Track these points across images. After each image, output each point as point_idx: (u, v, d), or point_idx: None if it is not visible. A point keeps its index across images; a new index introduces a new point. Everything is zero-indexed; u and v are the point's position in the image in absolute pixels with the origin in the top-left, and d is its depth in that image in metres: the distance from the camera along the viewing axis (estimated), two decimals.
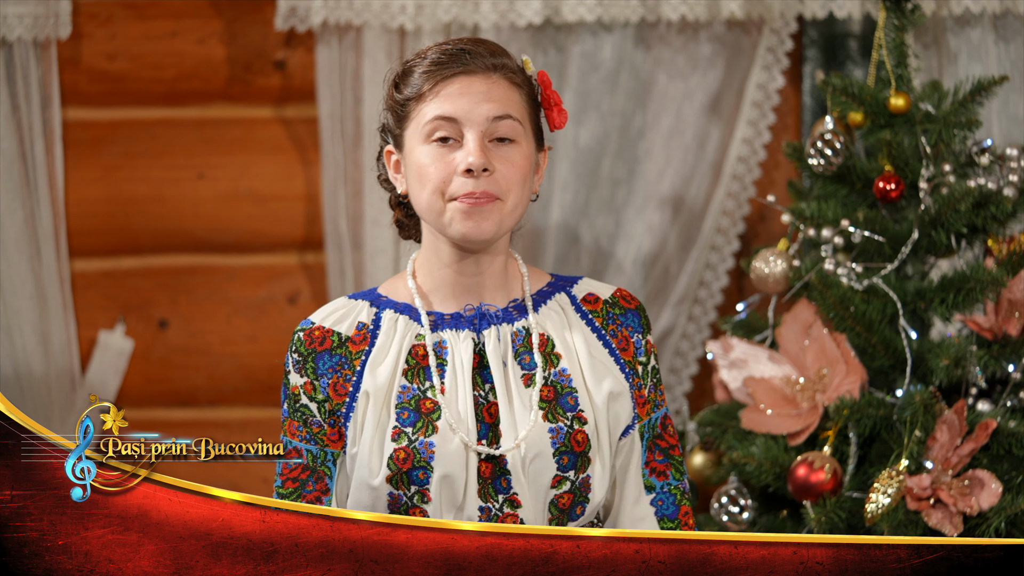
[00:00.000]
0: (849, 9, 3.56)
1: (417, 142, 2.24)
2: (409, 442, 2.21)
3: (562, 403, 2.25)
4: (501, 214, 2.22)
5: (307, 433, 2.25)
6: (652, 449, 2.31)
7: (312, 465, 2.26)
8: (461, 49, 2.23)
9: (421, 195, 2.23)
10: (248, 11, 3.70)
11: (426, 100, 2.23)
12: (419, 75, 2.24)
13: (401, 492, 2.20)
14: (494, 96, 2.22)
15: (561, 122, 2.31)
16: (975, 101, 3.13)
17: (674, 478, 2.31)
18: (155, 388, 3.77)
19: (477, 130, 2.21)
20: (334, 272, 3.68)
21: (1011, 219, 3.08)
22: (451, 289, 2.29)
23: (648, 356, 2.32)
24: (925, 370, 3.02)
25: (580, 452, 2.23)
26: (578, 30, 3.64)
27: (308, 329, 2.28)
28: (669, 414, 2.34)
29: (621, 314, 2.32)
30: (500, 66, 2.24)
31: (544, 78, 2.31)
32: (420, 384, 2.24)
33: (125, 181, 3.73)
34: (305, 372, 2.26)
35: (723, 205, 3.70)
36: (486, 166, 2.20)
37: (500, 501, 2.22)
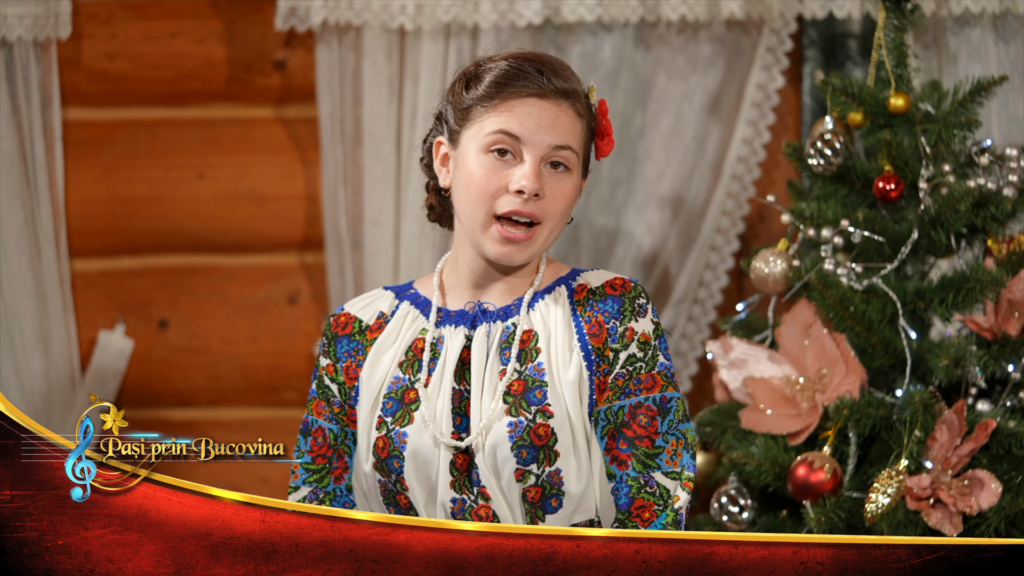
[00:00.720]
0: (849, 9, 3.56)
1: (475, 148, 2.27)
2: (387, 431, 2.28)
3: (528, 397, 2.26)
4: (536, 244, 2.27)
5: (329, 412, 2.36)
6: (615, 437, 2.28)
7: (334, 443, 2.35)
8: (537, 67, 2.26)
9: (467, 201, 2.27)
10: (248, 11, 3.69)
11: (493, 111, 2.26)
12: (491, 82, 2.27)
13: (386, 479, 2.28)
14: (560, 124, 2.26)
15: (607, 151, 2.38)
16: (975, 101, 3.13)
17: (635, 469, 2.27)
18: (155, 388, 3.77)
19: (537, 154, 2.25)
20: (334, 272, 3.68)
21: (1011, 219, 3.08)
22: (466, 287, 2.35)
23: (625, 343, 2.29)
24: (925, 370, 3.02)
25: (542, 446, 2.25)
26: (578, 30, 3.64)
27: (338, 315, 2.38)
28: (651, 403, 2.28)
29: (600, 300, 2.32)
30: (571, 93, 2.28)
31: (603, 107, 2.36)
32: (412, 376, 2.30)
33: (125, 181, 3.73)
34: (329, 355, 2.36)
35: (723, 205, 3.70)
36: (538, 191, 2.24)
37: (475, 493, 2.27)
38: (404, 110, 3.64)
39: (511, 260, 2.27)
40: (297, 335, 3.76)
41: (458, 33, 3.61)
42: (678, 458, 2.28)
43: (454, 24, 3.61)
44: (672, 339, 3.74)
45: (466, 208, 2.28)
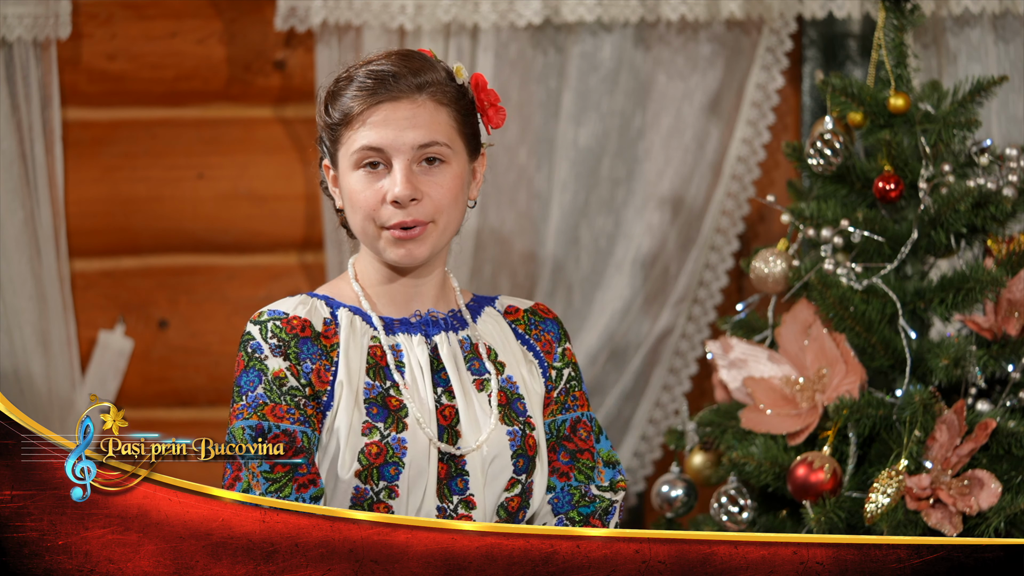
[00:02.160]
0: (848, 9, 3.57)
1: (347, 167, 2.28)
2: (381, 437, 2.23)
3: (514, 408, 2.31)
4: (433, 238, 2.27)
5: (300, 416, 2.22)
6: (556, 449, 2.35)
7: (307, 446, 2.22)
8: (386, 71, 2.24)
9: (354, 219, 2.29)
10: (248, 11, 3.70)
11: (353, 127, 2.26)
12: (347, 99, 2.27)
13: (368, 487, 2.22)
14: (419, 122, 2.24)
15: (498, 121, 2.33)
16: (974, 101, 3.13)
17: (577, 480, 2.34)
18: (155, 388, 3.77)
19: (404, 158, 2.23)
20: (334, 272, 3.68)
21: (1010, 219, 3.08)
22: (393, 297, 2.33)
23: (564, 362, 2.39)
24: (924, 370, 3.02)
25: (531, 456, 2.30)
26: (578, 30, 3.64)
27: (284, 318, 2.26)
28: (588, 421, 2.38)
29: (541, 321, 2.40)
30: (425, 85, 2.25)
31: (478, 80, 2.32)
32: (382, 382, 2.27)
33: (125, 181, 3.73)
34: (288, 356, 2.24)
35: (723, 205, 3.70)
36: (414, 195, 2.23)
37: (455, 502, 2.25)
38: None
39: (413, 258, 2.26)
40: None
41: (458, 33, 3.61)
42: (602, 474, 2.38)
43: (454, 24, 3.61)
44: (672, 339, 3.74)
45: (357, 226, 2.29)
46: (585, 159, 3.67)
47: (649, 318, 3.74)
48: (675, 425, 3.44)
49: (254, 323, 2.26)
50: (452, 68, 2.30)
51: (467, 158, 2.30)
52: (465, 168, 2.30)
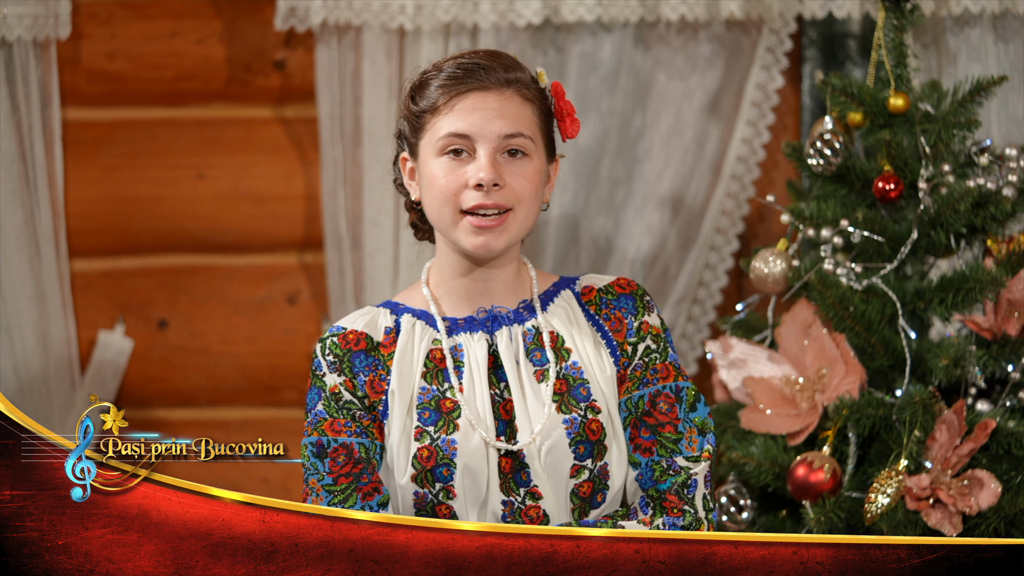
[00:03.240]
0: (848, 9, 3.57)
1: (431, 154, 2.30)
2: (431, 440, 2.27)
3: (575, 394, 2.31)
4: (512, 228, 2.29)
5: (357, 428, 2.30)
6: (637, 426, 2.33)
7: (366, 457, 2.29)
8: (476, 64, 2.29)
9: (433, 206, 2.30)
10: (248, 11, 3.69)
11: (440, 114, 2.29)
12: (435, 88, 2.30)
13: (427, 490, 2.27)
14: (507, 113, 2.28)
15: (574, 132, 2.38)
16: (974, 101, 3.13)
17: (659, 455, 2.32)
18: (155, 388, 3.77)
19: (489, 146, 2.27)
20: (333, 272, 3.68)
21: (1010, 219, 3.08)
22: (463, 295, 2.36)
23: (640, 336, 2.36)
24: (924, 370, 3.02)
25: (596, 441, 2.29)
26: (577, 30, 3.64)
27: (342, 334, 2.34)
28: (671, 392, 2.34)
29: (614, 299, 2.38)
30: (514, 81, 2.30)
31: (558, 89, 2.37)
32: (439, 385, 2.31)
33: (125, 181, 3.73)
34: (343, 371, 2.31)
35: (722, 205, 3.70)
36: (496, 181, 2.26)
37: (522, 494, 2.28)
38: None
39: (489, 249, 2.29)
40: (297, 335, 3.76)
41: (458, 33, 3.61)
42: (694, 444, 2.34)
43: (454, 24, 3.61)
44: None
45: (434, 213, 2.31)
46: (585, 159, 3.67)
47: None
48: None
49: (319, 342, 2.34)
50: (536, 72, 2.35)
51: (545, 158, 2.34)
52: (544, 166, 2.34)
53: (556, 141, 2.38)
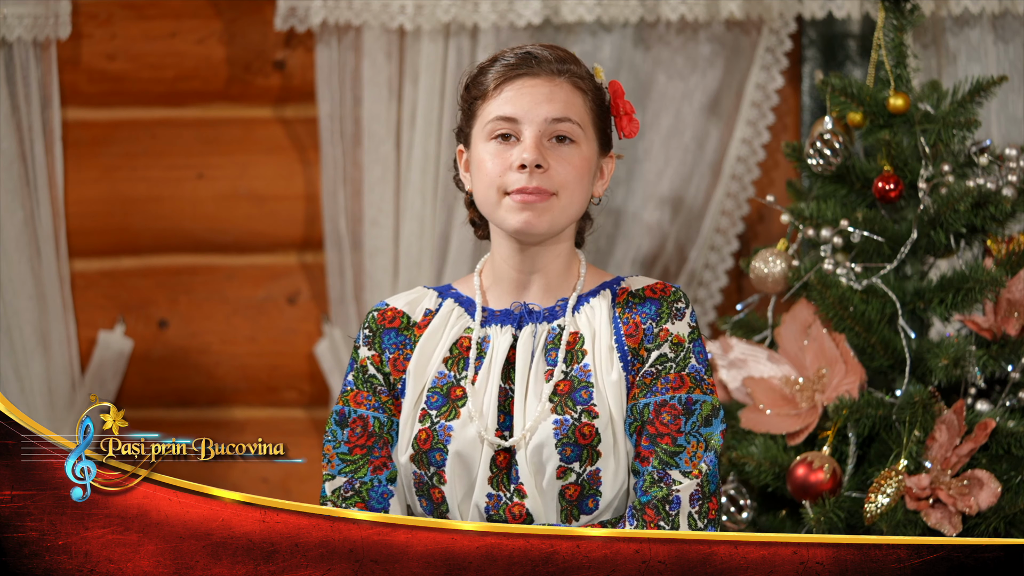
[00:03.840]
0: (848, 9, 3.57)
1: (480, 139, 2.31)
2: (432, 423, 2.30)
3: (574, 396, 2.29)
4: (554, 210, 2.29)
5: (376, 402, 2.34)
6: (639, 434, 2.31)
7: (379, 432, 2.34)
8: (529, 53, 2.31)
9: (480, 189, 2.32)
10: (248, 11, 3.70)
11: (490, 99, 2.30)
12: (488, 76, 2.32)
13: (422, 471, 2.30)
14: (556, 98, 2.29)
15: (631, 131, 2.38)
16: (974, 101, 3.12)
17: (653, 465, 2.29)
18: (155, 388, 3.77)
19: (535, 129, 2.27)
20: (333, 272, 3.68)
21: (1010, 219, 3.08)
22: (507, 285, 2.37)
23: (657, 343, 2.32)
24: (924, 370, 3.02)
25: (585, 445, 2.28)
26: (577, 30, 3.64)
27: (383, 309, 2.39)
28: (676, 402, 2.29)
29: (639, 303, 2.35)
30: (566, 71, 2.31)
31: (616, 88, 2.37)
32: (457, 373, 2.33)
33: (125, 181, 3.73)
34: (374, 346, 2.36)
35: (722, 205, 3.70)
36: (539, 162, 2.26)
37: (511, 490, 2.28)
38: (404, 110, 3.65)
39: (533, 227, 2.28)
40: (297, 335, 3.77)
41: (457, 33, 3.61)
42: (697, 459, 2.29)
43: (453, 24, 3.61)
44: None
45: (480, 196, 2.32)
46: None
47: None
48: None
49: (367, 315, 2.40)
50: (592, 67, 2.36)
51: (597, 149, 2.34)
52: (594, 156, 2.33)
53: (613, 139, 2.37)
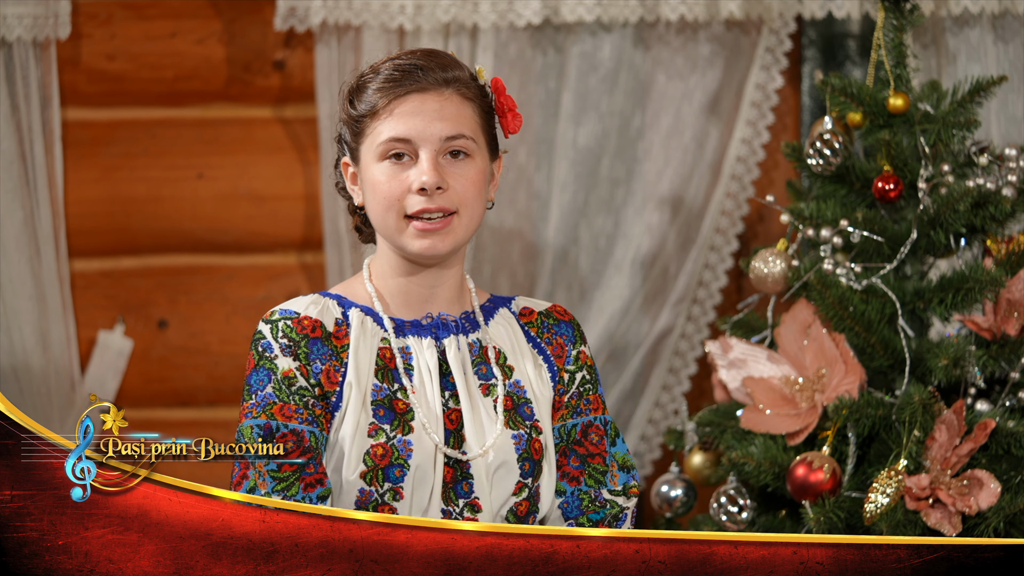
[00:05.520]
0: (848, 9, 3.57)
1: (372, 159, 2.28)
2: (387, 439, 2.24)
3: (520, 412, 2.31)
4: (457, 231, 2.27)
5: (309, 415, 2.24)
6: (567, 454, 2.35)
7: (315, 446, 2.24)
8: (413, 65, 2.26)
9: (377, 211, 2.28)
10: (247, 11, 3.70)
11: (380, 118, 2.26)
12: (373, 91, 2.28)
13: (373, 488, 2.23)
14: (447, 114, 2.26)
15: (515, 127, 2.35)
16: (974, 101, 3.13)
17: (587, 484, 2.34)
18: (155, 388, 3.77)
19: (431, 149, 2.25)
20: (333, 272, 3.68)
21: (1010, 219, 3.08)
22: (407, 297, 2.34)
23: (578, 365, 2.38)
24: (924, 370, 3.03)
25: (537, 460, 2.30)
26: (577, 30, 3.64)
27: (295, 318, 2.28)
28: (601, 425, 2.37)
29: (555, 324, 2.39)
30: (452, 80, 2.27)
31: (497, 85, 2.34)
32: (390, 384, 2.28)
33: (124, 181, 3.73)
34: (298, 356, 2.26)
35: (722, 205, 3.70)
36: (440, 184, 2.24)
37: (460, 505, 2.26)
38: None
39: (435, 251, 2.26)
40: None
41: (457, 33, 3.61)
42: (616, 478, 2.37)
43: (453, 24, 3.61)
44: (671, 339, 3.74)
45: (378, 218, 2.29)
46: (584, 159, 3.67)
47: (648, 318, 3.74)
48: (674, 425, 3.44)
49: (265, 322, 2.28)
50: (475, 69, 2.33)
51: (488, 157, 2.32)
52: (487, 165, 2.32)
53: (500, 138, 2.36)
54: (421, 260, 2.30)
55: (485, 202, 2.31)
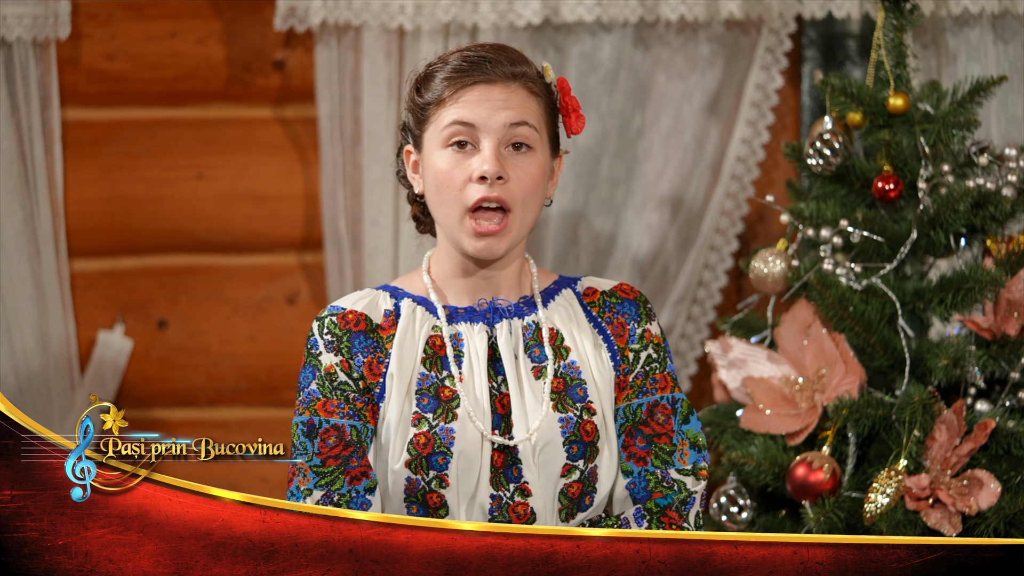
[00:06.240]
0: (848, 9, 3.57)
1: (435, 146, 2.30)
2: (430, 427, 2.27)
3: (571, 394, 2.30)
4: (512, 231, 2.29)
5: (350, 409, 2.30)
6: (633, 434, 2.33)
7: (357, 440, 2.29)
8: (482, 56, 2.29)
9: (437, 200, 2.30)
10: (247, 11, 3.70)
11: (446, 105, 2.29)
12: (440, 80, 2.30)
13: (419, 477, 2.26)
14: (512, 104, 2.28)
15: (579, 127, 2.37)
16: (974, 101, 3.13)
17: (654, 465, 2.32)
18: (155, 388, 3.77)
19: (494, 137, 2.27)
20: (333, 272, 3.68)
21: (1010, 219, 3.08)
22: (464, 286, 2.36)
23: (643, 344, 2.36)
24: (924, 370, 3.03)
25: (589, 442, 2.29)
26: (577, 30, 3.64)
27: (340, 313, 2.34)
28: (668, 403, 2.35)
29: (618, 303, 2.39)
30: (520, 75, 2.30)
31: (563, 84, 2.37)
32: (438, 372, 2.31)
33: (124, 181, 3.73)
34: (340, 351, 2.31)
35: (722, 205, 3.70)
36: (500, 174, 2.26)
37: (511, 490, 2.28)
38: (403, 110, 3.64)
39: (491, 253, 2.29)
40: (296, 335, 3.76)
41: (457, 33, 3.61)
42: (686, 456, 2.34)
43: (453, 24, 3.61)
44: (671, 339, 3.74)
45: (438, 207, 2.31)
46: (584, 159, 3.67)
47: None
48: None
49: (316, 320, 2.34)
50: (542, 67, 2.35)
51: (549, 153, 2.34)
52: (548, 161, 2.33)
53: (561, 137, 2.38)
54: (477, 258, 2.32)
55: (543, 199, 2.33)
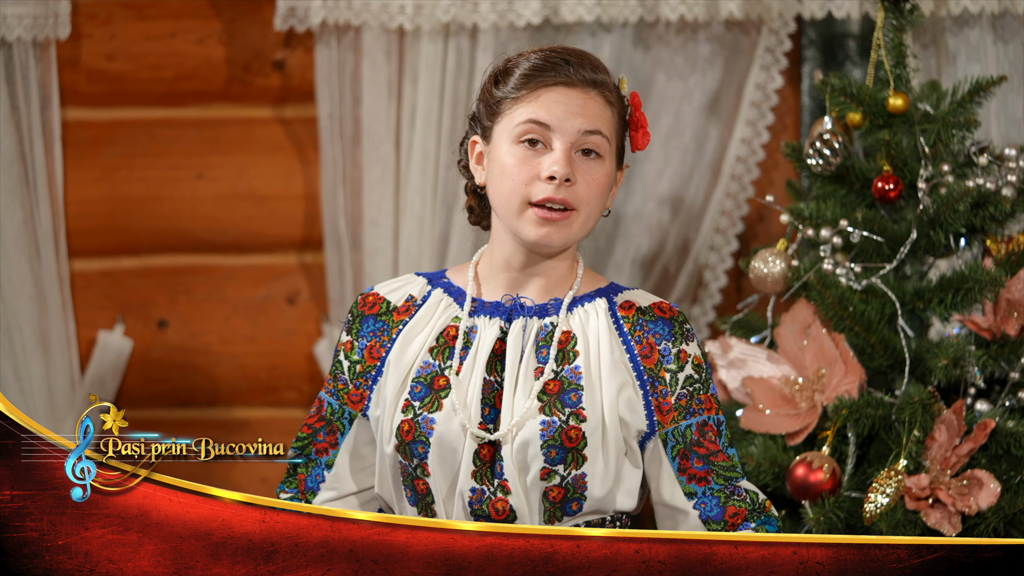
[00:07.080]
0: (848, 9, 3.57)
1: (506, 140, 2.29)
2: (414, 415, 2.29)
3: (563, 398, 2.28)
4: (572, 227, 2.29)
5: (334, 387, 2.38)
6: (687, 456, 2.31)
7: (329, 417, 2.38)
8: (565, 59, 2.30)
9: (501, 191, 2.30)
10: (247, 11, 3.70)
11: (522, 102, 2.29)
12: (520, 75, 2.30)
13: (407, 462, 2.29)
14: (589, 111, 2.28)
15: (644, 144, 2.38)
16: (974, 101, 3.13)
17: (716, 483, 2.30)
18: (155, 388, 3.77)
19: (566, 140, 2.27)
20: (333, 272, 3.68)
21: (1009, 219, 3.08)
22: (504, 280, 2.35)
23: (679, 364, 2.31)
24: (924, 370, 3.03)
25: (571, 448, 2.26)
26: (577, 30, 3.64)
27: (366, 295, 2.40)
28: (712, 423, 2.32)
29: (651, 321, 2.33)
30: (599, 83, 2.31)
31: (636, 99, 2.37)
32: (442, 362, 2.32)
33: (124, 181, 3.73)
34: (351, 332, 2.38)
35: (722, 205, 3.70)
36: (569, 176, 2.26)
37: (494, 485, 2.27)
38: (403, 110, 3.65)
39: (550, 242, 2.28)
40: (296, 335, 3.77)
41: (457, 33, 3.62)
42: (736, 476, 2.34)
43: (453, 24, 3.61)
44: None
45: (501, 199, 2.30)
46: None
47: None
48: None
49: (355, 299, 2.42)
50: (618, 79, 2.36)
51: (615, 164, 2.34)
52: (613, 171, 2.33)
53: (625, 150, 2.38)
54: (535, 248, 2.31)
55: (604, 207, 2.33)
